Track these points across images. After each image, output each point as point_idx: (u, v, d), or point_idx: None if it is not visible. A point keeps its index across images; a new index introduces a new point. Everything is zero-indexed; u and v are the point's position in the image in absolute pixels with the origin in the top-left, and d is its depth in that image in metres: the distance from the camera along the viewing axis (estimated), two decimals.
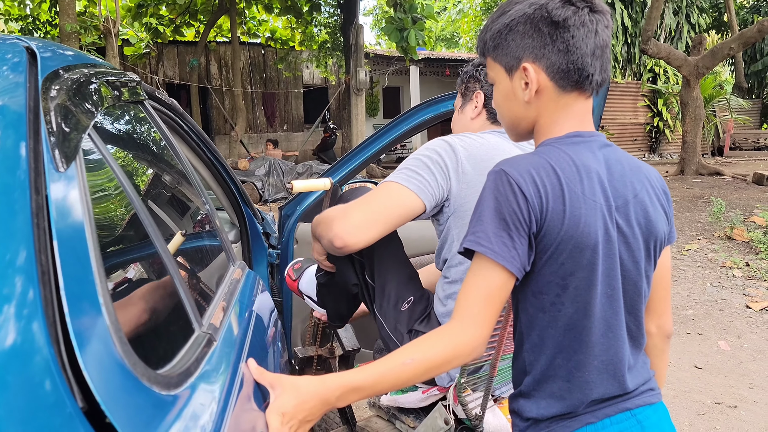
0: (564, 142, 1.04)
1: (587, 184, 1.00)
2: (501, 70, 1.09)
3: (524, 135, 1.13)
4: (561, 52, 1.02)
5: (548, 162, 1.00)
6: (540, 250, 0.99)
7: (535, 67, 1.03)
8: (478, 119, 1.71)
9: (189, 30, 15.02)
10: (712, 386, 3.40)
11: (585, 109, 1.07)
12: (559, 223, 0.97)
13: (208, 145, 2.15)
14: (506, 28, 1.05)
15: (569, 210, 0.97)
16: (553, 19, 1.01)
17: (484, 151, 1.53)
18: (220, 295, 1.15)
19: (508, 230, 0.96)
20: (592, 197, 1.00)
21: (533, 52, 1.03)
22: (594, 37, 1.02)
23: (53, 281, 0.59)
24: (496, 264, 0.96)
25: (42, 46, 0.93)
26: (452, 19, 26.97)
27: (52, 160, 0.69)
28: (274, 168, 11.06)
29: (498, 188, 0.98)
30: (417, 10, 10.86)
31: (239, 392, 0.87)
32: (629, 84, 16.48)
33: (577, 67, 1.02)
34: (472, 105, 1.72)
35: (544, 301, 1.02)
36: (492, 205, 0.97)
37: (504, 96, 1.10)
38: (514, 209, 0.96)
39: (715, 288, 5.11)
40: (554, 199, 0.97)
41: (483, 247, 0.96)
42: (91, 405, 0.55)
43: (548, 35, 1.02)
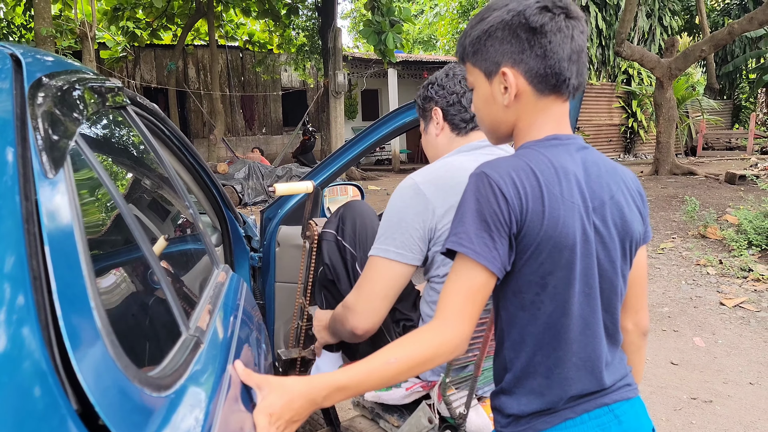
0: (543, 144, 1.07)
1: (565, 186, 1.03)
2: (480, 74, 1.12)
3: (504, 138, 1.16)
4: (539, 57, 1.05)
5: (527, 164, 1.02)
6: (520, 250, 1.02)
7: (514, 71, 1.06)
8: (443, 134, 1.74)
9: (166, 33, 14.92)
10: (688, 382, 3.47)
11: (562, 112, 1.10)
12: (539, 223, 1.00)
13: (189, 149, 2.15)
14: (485, 34, 1.08)
15: (548, 211, 1.00)
16: (531, 25, 1.04)
17: (449, 177, 1.55)
18: (206, 298, 1.16)
19: (489, 231, 0.98)
20: (570, 198, 1.03)
21: (512, 57, 1.06)
22: (570, 42, 1.05)
23: (45, 285, 0.60)
24: (477, 264, 0.99)
25: (26, 52, 0.93)
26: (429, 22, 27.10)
27: (40, 166, 0.70)
28: (254, 171, 11.02)
29: (479, 190, 1.00)
30: (394, 13, 10.91)
31: (227, 393, 0.88)
32: (604, 86, 16.70)
33: (555, 72, 1.05)
34: (434, 123, 1.75)
35: (524, 299, 1.05)
36: (473, 207, 1.00)
37: (484, 100, 1.13)
38: (494, 210, 0.98)
39: (690, 286, 5.21)
40: (533, 201, 1.00)
41: (465, 247, 0.99)
42: (85, 406, 0.56)
43: (526, 41, 1.05)
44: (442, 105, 1.72)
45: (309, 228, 2.20)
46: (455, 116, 1.71)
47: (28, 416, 0.50)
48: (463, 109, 1.71)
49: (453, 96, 1.71)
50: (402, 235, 1.51)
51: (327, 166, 2.43)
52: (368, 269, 1.55)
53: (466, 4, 21.01)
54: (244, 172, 10.95)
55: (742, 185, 9.72)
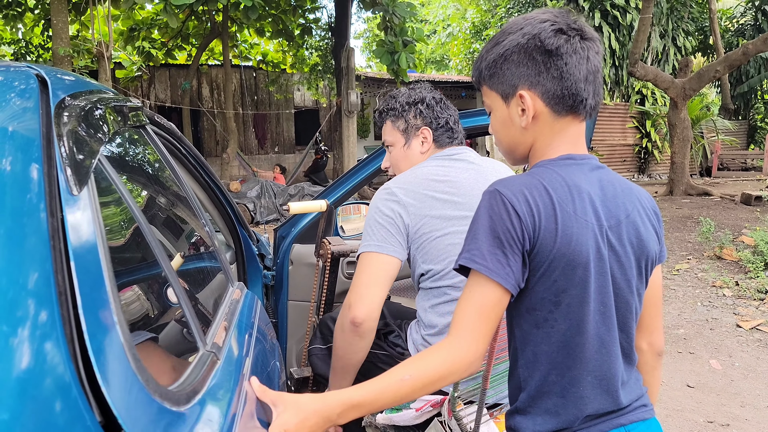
0: (557, 163, 1.08)
1: (579, 204, 1.04)
2: (497, 98, 1.13)
3: (521, 159, 1.18)
4: (555, 78, 1.06)
5: (541, 182, 1.04)
6: (533, 267, 1.02)
7: (531, 93, 1.07)
8: (428, 153, 1.85)
9: (181, 53, 15.11)
10: (705, 405, 3.42)
11: (578, 132, 1.12)
12: (552, 241, 1.00)
13: (205, 168, 2.17)
14: (501, 58, 1.10)
15: (561, 228, 1.01)
16: (546, 47, 1.05)
17: (418, 182, 1.70)
18: (221, 315, 1.17)
19: (502, 248, 0.99)
20: (584, 217, 1.03)
21: (528, 79, 1.07)
22: (586, 63, 1.07)
23: (71, 300, 0.61)
24: (491, 281, 0.99)
25: (51, 73, 0.96)
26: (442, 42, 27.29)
27: (66, 183, 0.72)
28: (266, 190, 11.08)
29: (492, 207, 1.01)
30: (407, 33, 10.99)
31: (243, 409, 0.89)
32: (618, 106, 16.68)
33: (571, 93, 1.06)
34: (419, 141, 1.85)
35: (538, 317, 1.05)
36: (486, 224, 1.01)
37: (501, 123, 1.15)
38: (507, 227, 0.99)
39: (706, 307, 5.15)
40: (546, 218, 1.00)
41: (478, 264, 1.00)
42: (108, 419, 0.57)
43: (542, 63, 1.06)
44: (433, 126, 1.84)
45: (322, 246, 2.21)
46: (442, 137, 1.85)
47: (53, 426, 0.51)
48: (452, 131, 1.85)
49: (441, 119, 1.84)
50: (380, 231, 1.65)
51: (341, 185, 2.45)
52: (360, 265, 1.66)
53: (478, 24, 21.14)
54: (257, 191, 11.00)
55: (758, 206, 9.63)
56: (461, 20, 23.53)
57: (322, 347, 2.01)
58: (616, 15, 15.98)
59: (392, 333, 1.87)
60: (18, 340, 0.54)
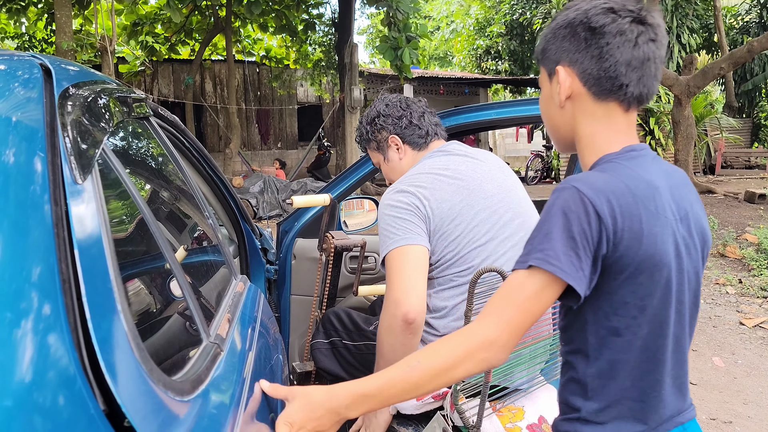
0: (624, 157, 1.01)
1: (658, 201, 0.98)
2: (545, 74, 1.11)
3: (569, 144, 1.12)
4: (594, 58, 1.01)
5: (621, 180, 0.97)
6: (615, 270, 0.95)
7: (569, 71, 1.04)
8: (406, 156, 1.87)
9: (184, 48, 15.10)
10: (707, 402, 3.42)
11: (628, 122, 1.05)
12: (637, 243, 0.94)
13: (209, 161, 2.17)
14: (551, 33, 1.07)
15: (646, 229, 0.95)
16: (591, 24, 1.01)
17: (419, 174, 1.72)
18: (225, 307, 1.17)
19: (576, 249, 0.92)
20: (664, 213, 0.98)
21: (569, 56, 1.04)
22: (632, 48, 1.00)
23: (75, 289, 0.61)
24: (557, 281, 0.93)
25: (55, 63, 0.95)
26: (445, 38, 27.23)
27: (70, 172, 0.71)
28: (269, 185, 11.08)
29: (569, 206, 0.94)
30: (411, 29, 10.97)
31: (247, 400, 0.89)
32: None
33: (609, 76, 1.01)
34: (394, 149, 1.88)
35: (619, 323, 0.97)
36: (561, 223, 0.93)
37: (545, 101, 1.12)
38: (584, 228, 0.92)
39: (709, 305, 5.14)
40: (630, 219, 0.94)
41: (552, 266, 0.92)
42: (112, 407, 0.57)
43: (584, 40, 1.02)
44: (396, 132, 1.85)
45: (325, 241, 2.21)
46: (412, 136, 1.85)
47: (57, 415, 0.51)
48: (417, 127, 1.85)
49: (403, 120, 1.85)
50: (399, 224, 1.62)
51: (344, 180, 2.44)
52: (387, 267, 1.62)
53: (482, 21, 21.09)
54: (260, 186, 11.01)
55: (761, 204, 9.61)
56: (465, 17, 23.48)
57: (324, 341, 2.01)
58: None
59: None
60: (22, 329, 0.53)
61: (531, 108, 2.30)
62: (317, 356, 2.02)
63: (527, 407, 1.65)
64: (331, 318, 2.02)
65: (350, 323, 1.96)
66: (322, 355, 2.00)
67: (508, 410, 1.63)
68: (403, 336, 1.54)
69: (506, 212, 1.71)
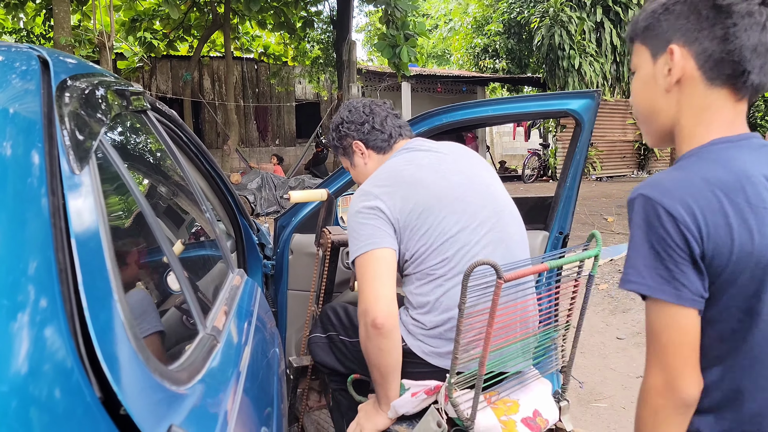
0: (710, 150, 0.93)
1: (751, 191, 0.88)
2: (646, 53, 1.01)
3: (661, 134, 1.04)
4: (717, 38, 0.91)
5: (697, 175, 0.89)
6: (710, 274, 0.88)
7: (684, 51, 0.94)
8: (371, 160, 1.91)
9: (182, 44, 15.09)
10: None
11: (736, 113, 0.96)
12: (727, 240, 0.86)
13: (206, 156, 2.17)
14: (662, 8, 0.97)
15: (735, 224, 0.86)
16: (717, 2, 0.91)
17: (385, 174, 1.74)
18: (221, 299, 1.18)
19: (663, 260, 0.86)
20: (762, 204, 0.88)
21: (685, 34, 0.94)
22: (760, 32, 0.90)
23: (71, 278, 0.61)
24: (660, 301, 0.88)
25: (53, 54, 0.95)
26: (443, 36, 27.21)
27: (67, 163, 0.72)
28: (267, 182, 11.08)
29: (642, 215, 0.88)
30: (409, 27, 10.97)
31: (242, 391, 0.89)
32: (618, 102, 16.66)
33: (733, 60, 0.91)
34: (359, 155, 1.92)
35: (723, 329, 0.90)
36: (641, 236, 0.88)
37: (643, 83, 1.02)
38: (662, 236, 0.86)
39: None
40: (712, 214, 0.86)
41: (633, 283, 0.89)
42: (108, 395, 0.58)
43: (706, 18, 0.92)
44: (360, 137, 1.90)
45: (322, 236, 2.21)
46: (375, 140, 1.89)
47: (54, 402, 0.52)
48: (379, 131, 1.89)
49: (365, 126, 1.89)
50: (364, 229, 1.64)
51: (342, 175, 2.45)
52: (357, 273, 1.65)
53: (480, 19, 21.08)
54: (258, 183, 11.01)
55: None
56: (463, 15, 23.46)
57: (321, 335, 2.02)
58: (618, 11, 15.96)
59: None
60: (19, 318, 0.54)
61: (527, 105, 2.31)
62: (315, 350, 2.02)
63: (522, 400, 1.66)
64: (329, 314, 2.03)
65: (347, 319, 1.96)
66: (320, 349, 2.01)
67: (503, 403, 1.64)
68: (377, 340, 1.58)
69: (474, 200, 1.72)
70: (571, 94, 2.29)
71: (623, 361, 4.02)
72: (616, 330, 4.66)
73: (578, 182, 2.35)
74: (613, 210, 10.12)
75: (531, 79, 18.15)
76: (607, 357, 4.12)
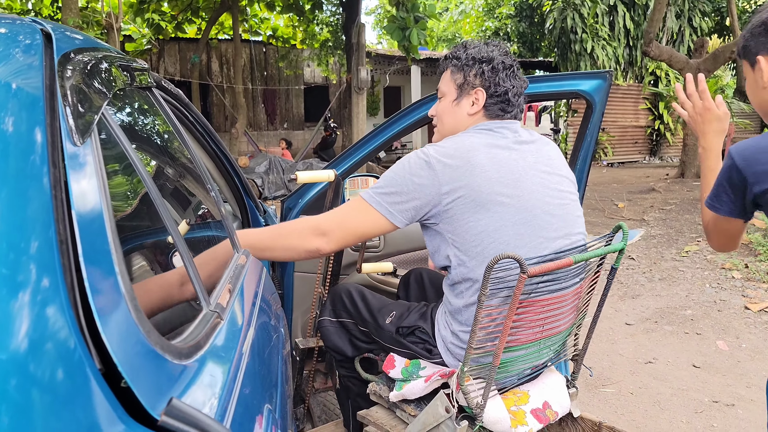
0: None
1: None
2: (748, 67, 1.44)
3: None
4: None
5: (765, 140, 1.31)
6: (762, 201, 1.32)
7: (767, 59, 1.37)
8: (476, 116, 1.70)
9: (191, 27, 15.04)
10: (710, 385, 3.42)
11: None
12: None
13: (213, 137, 2.16)
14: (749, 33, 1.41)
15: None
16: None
17: (460, 156, 1.55)
18: (226, 277, 1.17)
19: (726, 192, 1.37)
20: None
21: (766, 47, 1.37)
22: None
23: (72, 249, 0.60)
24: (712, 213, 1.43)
25: (56, 28, 0.94)
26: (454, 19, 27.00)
27: (68, 135, 0.71)
28: (275, 165, 11.08)
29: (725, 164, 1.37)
30: (419, 9, 10.87)
31: (246, 367, 0.89)
32: (630, 87, 16.50)
33: None
34: (470, 100, 1.70)
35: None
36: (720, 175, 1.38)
37: (750, 86, 1.46)
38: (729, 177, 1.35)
39: (714, 289, 5.13)
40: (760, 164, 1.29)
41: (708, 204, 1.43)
42: (108, 367, 0.57)
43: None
44: (490, 93, 1.68)
45: None
46: (495, 106, 1.69)
47: (54, 374, 0.51)
48: (507, 103, 1.69)
49: (503, 89, 1.68)
50: (400, 197, 1.57)
51: (349, 157, 2.43)
52: (357, 209, 1.63)
53: (491, 2, 20.88)
54: (265, 166, 11.00)
55: None
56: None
57: (332, 320, 1.98)
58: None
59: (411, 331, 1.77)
60: (18, 287, 0.53)
61: (538, 86, 2.28)
62: (325, 334, 1.97)
63: (532, 392, 1.65)
64: (342, 296, 1.95)
65: (365, 309, 1.88)
66: (331, 333, 1.96)
67: (513, 393, 1.63)
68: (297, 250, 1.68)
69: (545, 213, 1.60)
70: (583, 75, 2.26)
71: (631, 347, 4.01)
72: (625, 316, 4.64)
73: (588, 165, 2.32)
74: (624, 196, 10.06)
75: (542, 63, 17.99)
76: (616, 342, 4.11)
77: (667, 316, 4.60)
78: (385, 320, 1.81)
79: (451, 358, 1.64)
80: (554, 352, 1.69)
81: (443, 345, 1.65)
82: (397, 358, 1.75)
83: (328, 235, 1.62)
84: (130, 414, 0.57)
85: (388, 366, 1.74)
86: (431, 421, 1.55)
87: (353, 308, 1.92)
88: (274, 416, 0.97)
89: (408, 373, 1.68)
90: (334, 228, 1.63)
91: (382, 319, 1.83)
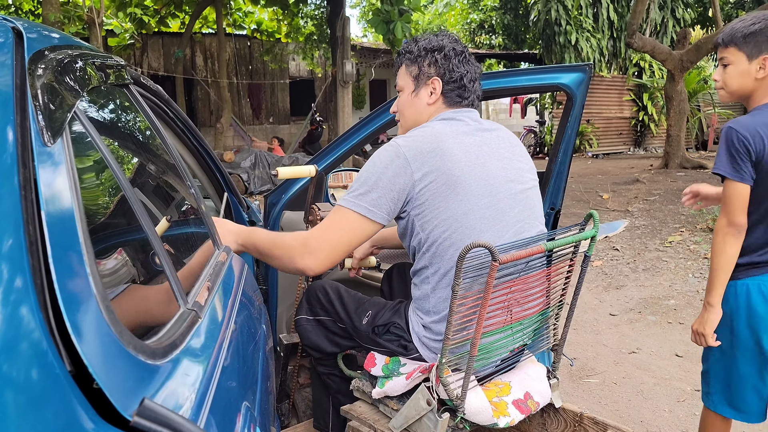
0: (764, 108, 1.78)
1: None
2: (742, 55, 1.77)
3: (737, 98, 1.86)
4: None
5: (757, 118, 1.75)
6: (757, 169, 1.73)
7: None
8: (435, 105, 1.75)
9: (174, 21, 14.88)
10: (693, 374, 3.46)
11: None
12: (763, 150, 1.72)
13: (194, 133, 2.15)
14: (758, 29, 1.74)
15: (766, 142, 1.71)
16: None
17: (428, 142, 1.58)
18: (205, 275, 1.17)
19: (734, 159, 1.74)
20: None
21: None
22: None
23: (41, 250, 0.60)
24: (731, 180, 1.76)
25: (28, 26, 0.93)
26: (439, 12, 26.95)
27: (39, 135, 0.70)
28: (260, 160, 11.03)
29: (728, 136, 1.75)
30: (404, 2, 10.85)
31: (223, 367, 0.89)
32: (614, 78, 16.58)
33: None
34: (428, 90, 1.74)
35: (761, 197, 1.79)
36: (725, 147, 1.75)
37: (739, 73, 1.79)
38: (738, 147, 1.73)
39: (697, 279, 5.19)
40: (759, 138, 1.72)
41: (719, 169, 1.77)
42: (79, 369, 0.57)
43: None
44: (444, 79, 1.72)
45: (312, 212, 2.20)
46: (452, 93, 1.73)
47: (22, 376, 0.51)
48: (463, 89, 1.73)
49: (457, 74, 1.72)
50: (377, 192, 1.56)
51: (331, 152, 2.43)
52: (338, 218, 1.60)
53: None
54: (251, 161, 10.96)
55: None
56: None
57: (309, 318, 1.97)
58: None
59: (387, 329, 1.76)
60: None
61: (517, 79, 2.28)
62: (303, 333, 1.95)
63: (513, 382, 1.66)
64: (318, 294, 1.94)
65: (342, 309, 1.87)
66: (308, 331, 1.94)
67: (494, 385, 1.64)
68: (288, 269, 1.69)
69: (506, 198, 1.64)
70: (562, 68, 2.27)
71: (615, 338, 4.05)
72: (609, 306, 4.69)
73: (569, 157, 2.34)
74: (609, 187, 10.12)
75: (527, 55, 18.03)
76: (600, 333, 4.15)
77: (651, 306, 4.65)
78: (361, 321, 1.81)
79: (427, 352, 1.65)
80: (528, 336, 1.70)
81: (418, 340, 1.67)
82: (377, 356, 1.75)
83: (315, 254, 1.60)
84: (103, 415, 0.57)
85: (369, 364, 1.75)
86: (413, 414, 1.56)
87: (329, 306, 1.91)
88: (253, 413, 0.97)
89: (389, 370, 1.69)
90: (321, 244, 1.60)
91: (358, 320, 1.82)
